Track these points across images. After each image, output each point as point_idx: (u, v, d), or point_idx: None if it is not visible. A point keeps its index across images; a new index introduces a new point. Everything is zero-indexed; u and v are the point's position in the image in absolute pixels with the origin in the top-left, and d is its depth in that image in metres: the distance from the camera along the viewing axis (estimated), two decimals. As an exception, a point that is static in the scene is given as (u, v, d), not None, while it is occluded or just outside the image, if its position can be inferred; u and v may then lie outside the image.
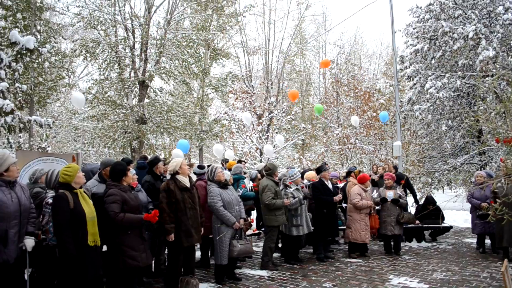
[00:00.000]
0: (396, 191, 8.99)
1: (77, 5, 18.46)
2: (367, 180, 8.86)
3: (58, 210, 4.43)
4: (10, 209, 4.32)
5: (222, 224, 6.42)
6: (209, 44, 24.38)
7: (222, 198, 6.46)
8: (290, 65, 28.84)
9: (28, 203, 4.67)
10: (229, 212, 6.43)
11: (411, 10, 17.37)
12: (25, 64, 11.88)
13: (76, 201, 4.54)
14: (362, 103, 20.47)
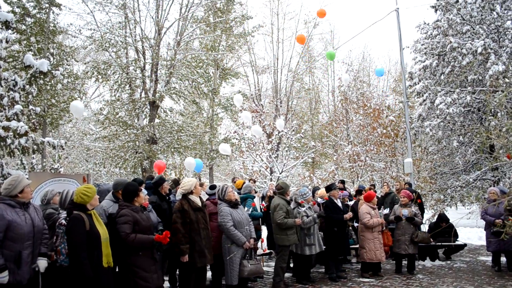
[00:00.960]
0: (411, 209, 8.90)
1: (89, 28, 18.87)
2: (373, 197, 8.78)
3: (75, 231, 4.44)
4: (24, 230, 4.37)
5: (233, 244, 6.41)
6: (219, 64, 24.64)
7: (233, 218, 6.46)
8: (299, 83, 28.96)
9: (42, 224, 4.71)
10: (240, 231, 6.42)
11: (419, 26, 17.44)
12: (38, 86, 12.11)
13: (91, 223, 4.57)
14: (371, 120, 20.42)
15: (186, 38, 20.74)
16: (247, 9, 26.55)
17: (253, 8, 27.22)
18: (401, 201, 9.03)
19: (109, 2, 19.13)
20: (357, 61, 31.30)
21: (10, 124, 9.86)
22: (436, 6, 16.58)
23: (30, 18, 17.73)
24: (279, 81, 26.66)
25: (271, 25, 26.79)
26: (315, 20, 26.62)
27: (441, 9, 16.53)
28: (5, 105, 10.12)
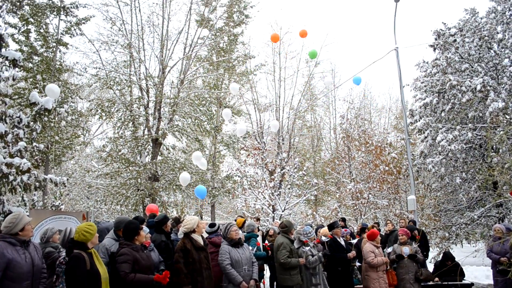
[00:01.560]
0: (412, 246, 8.76)
1: (95, 66, 19.27)
2: (377, 235, 8.64)
3: (75, 271, 4.36)
4: (24, 270, 4.30)
5: (230, 283, 6.27)
6: (221, 102, 24.93)
7: (231, 256, 6.33)
8: (301, 121, 29.17)
9: (41, 263, 4.64)
10: (237, 271, 6.27)
11: (418, 65, 17.75)
12: (43, 123, 12.21)
13: (92, 261, 4.51)
14: (374, 157, 20.44)
15: (190, 76, 21.09)
16: (250, 49, 27.05)
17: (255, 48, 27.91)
18: (399, 239, 8.90)
19: (115, 42, 19.64)
20: (358, 99, 31.66)
21: (13, 161, 9.90)
22: (435, 45, 16.92)
23: (37, 56, 18.15)
24: (281, 118, 26.85)
25: (273, 64, 27.23)
26: (316, 59, 27.07)
27: (439, 48, 16.86)
28: (9, 142, 10.19)
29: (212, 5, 22.29)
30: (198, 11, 22.65)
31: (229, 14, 24.09)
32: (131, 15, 19.99)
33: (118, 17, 19.91)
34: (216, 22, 23.10)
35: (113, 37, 19.89)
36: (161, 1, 20.37)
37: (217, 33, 23.28)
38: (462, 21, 17.16)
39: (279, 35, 14.53)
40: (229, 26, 24.25)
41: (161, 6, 20.35)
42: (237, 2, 24.12)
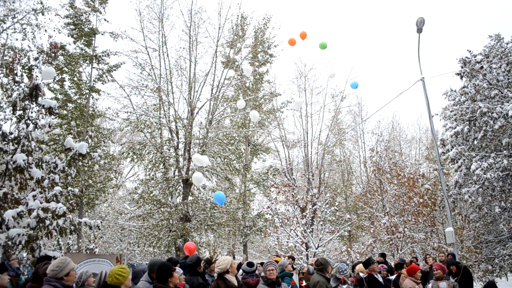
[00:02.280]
0: (449, 281, 8.36)
1: (126, 111, 19.89)
2: (417, 271, 8.29)
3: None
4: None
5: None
6: (249, 140, 25.13)
7: (266, 297, 6.17)
8: (329, 156, 28.99)
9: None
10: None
11: (446, 94, 17.55)
12: (77, 168, 12.56)
13: (126, 305, 4.51)
14: (407, 189, 19.96)
15: (218, 116, 21.46)
16: (275, 86, 27.44)
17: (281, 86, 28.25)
18: (434, 274, 8.51)
19: (144, 86, 20.31)
20: (386, 131, 31.34)
21: (49, 206, 10.15)
22: (461, 73, 16.76)
23: (71, 103, 18.91)
24: (309, 154, 26.77)
25: (299, 101, 27.42)
26: (342, 94, 27.19)
27: (466, 75, 16.68)
28: (45, 187, 10.48)
29: (237, 47, 22.89)
30: (224, 53, 23.28)
31: (254, 54, 24.63)
32: (159, 60, 20.78)
33: (147, 62, 20.71)
34: (242, 62, 23.64)
35: (143, 81, 20.62)
36: (187, 46, 21.11)
37: (243, 73, 23.75)
38: (488, 47, 17.02)
39: (295, 40, 14.57)
40: (254, 65, 24.73)
41: (187, 50, 21.07)
42: (261, 42, 24.69)
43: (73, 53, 19.87)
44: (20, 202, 10.02)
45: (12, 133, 10.67)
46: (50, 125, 11.43)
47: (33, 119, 10.95)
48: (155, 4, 21.04)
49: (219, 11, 21.82)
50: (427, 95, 14.58)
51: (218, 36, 21.67)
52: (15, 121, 10.86)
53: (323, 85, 28.48)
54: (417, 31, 14.04)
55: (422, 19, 13.68)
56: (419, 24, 13.78)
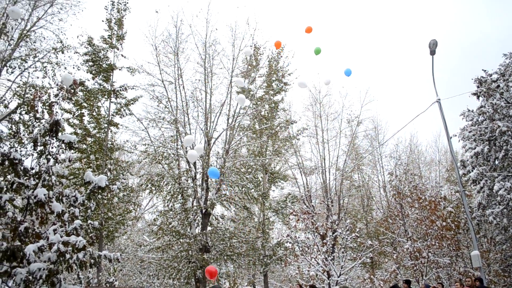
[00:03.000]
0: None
1: (144, 143, 20.19)
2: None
3: None
4: None
5: None
6: (267, 168, 25.12)
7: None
8: (348, 181, 28.71)
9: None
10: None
11: (463, 114, 17.38)
12: (97, 201, 12.67)
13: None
14: (429, 213, 19.57)
15: (234, 146, 21.60)
16: (291, 114, 27.56)
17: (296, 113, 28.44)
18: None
19: (161, 119, 20.64)
20: (405, 154, 30.98)
21: (70, 239, 10.21)
22: (478, 93, 16.63)
23: (90, 137, 19.29)
24: (328, 180, 26.58)
25: (315, 127, 27.46)
26: (358, 118, 27.16)
27: (483, 95, 16.54)
28: (65, 221, 10.58)
29: (251, 77, 23.19)
30: (239, 83, 23.56)
31: (268, 83, 24.90)
32: (175, 92, 21.17)
33: (163, 95, 21.11)
34: (256, 91, 23.92)
35: (160, 114, 20.97)
36: (203, 77, 21.50)
37: (258, 102, 24.01)
38: (503, 66, 16.89)
39: (311, 27, 14.55)
40: (269, 94, 24.99)
41: (203, 81, 21.43)
42: (275, 71, 24.98)
43: (92, 89, 20.41)
44: (41, 236, 10.11)
45: (33, 168, 10.88)
46: (70, 160, 11.64)
47: (53, 154, 11.16)
48: (171, 38, 21.61)
49: (233, 43, 22.27)
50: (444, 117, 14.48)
51: (233, 67, 22.04)
52: (36, 156, 11.08)
53: (338, 111, 28.35)
54: (430, 53, 14.06)
55: (434, 41, 13.72)
56: (431, 46, 13.81)
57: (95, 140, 19.27)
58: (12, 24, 15.44)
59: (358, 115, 27.47)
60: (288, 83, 25.70)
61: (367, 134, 30.51)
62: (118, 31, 21.73)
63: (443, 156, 35.31)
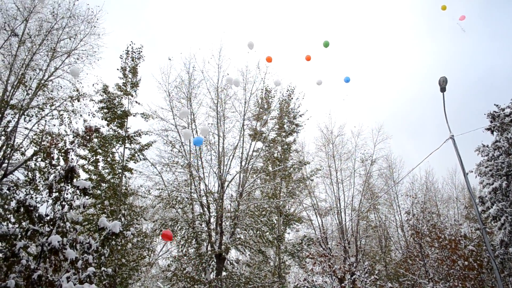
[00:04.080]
0: None
1: (158, 188, 20.23)
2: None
3: None
4: None
5: None
6: (281, 210, 24.88)
7: None
8: (364, 222, 28.22)
9: None
10: None
11: (478, 149, 17.20)
12: (111, 247, 12.60)
13: None
14: (449, 252, 19.01)
15: (248, 188, 21.54)
16: (304, 155, 27.56)
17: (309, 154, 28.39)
18: None
19: (175, 163, 20.79)
20: (421, 192, 30.48)
21: (83, 287, 10.09)
22: (492, 127, 16.52)
23: (105, 183, 19.41)
24: (344, 221, 26.19)
25: (328, 168, 27.38)
26: (371, 158, 27.04)
27: (497, 130, 16.42)
28: (79, 268, 10.50)
29: (263, 119, 23.41)
30: (251, 126, 23.80)
31: (280, 125, 25.08)
32: (189, 136, 21.33)
33: (177, 139, 21.36)
34: (269, 134, 24.06)
35: (174, 158, 21.14)
36: (215, 121, 21.77)
37: (271, 144, 24.11)
38: (516, 100, 16.84)
39: (310, 56, 15.28)
40: (281, 136, 25.13)
41: (215, 125, 21.70)
42: (287, 113, 25.23)
43: (107, 135, 20.75)
44: (54, 284, 10.02)
45: (48, 215, 10.95)
46: (85, 206, 11.68)
47: (68, 201, 11.25)
48: (183, 84, 22.10)
49: (244, 87, 22.64)
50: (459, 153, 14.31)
51: (245, 110, 22.33)
52: (51, 203, 11.17)
53: (351, 150, 28.25)
54: (441, 90, 14.06)
55: (444, 78, 13.73)
56: (441, 83, 13.80)
57: (110, 186, 19.38)
58: (30, 74, 15.99)
59: (371, 154, 27.40)
60: (299, 124, 25.91)
61: (382, 173, 30.25)
62: (133, 78, 22.31)
63: (460, 192, 34.67)
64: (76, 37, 17.44)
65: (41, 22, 16.84)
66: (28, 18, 16.41)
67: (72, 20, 17.38)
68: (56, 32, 17.03)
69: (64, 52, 17.19)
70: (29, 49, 16.34)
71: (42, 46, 16.65)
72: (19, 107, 15.14)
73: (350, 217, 26.48)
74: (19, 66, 15.89)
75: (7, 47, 15.96)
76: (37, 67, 16.42)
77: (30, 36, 16.41)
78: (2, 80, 15.57)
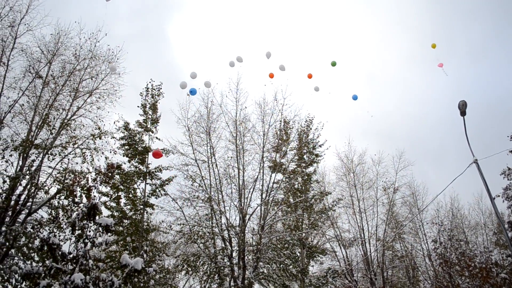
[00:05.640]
0: None
1: (179, 223, 20.21)
2: None
3: None
4: None
5: None
6: (304, 242, 24.50)
7: None
8: (390, 252, 27.53)
9: None
10: None
11: (504, 173, 16.82)
12: (133, 284, 12.52)
13: None
14: (481, 281, 18.32)
15: (269, 221, 21.37)
16: (324, 185, 27.32)
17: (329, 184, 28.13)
18: None
19: (196, 197, 20.82)
20: (447, 219, 29.66)
21: (106, 326, 10.01)
22: (516, 150, 16.20)
23: (127, 219, 19.49)
24: (369, 252, 25.59)
25: (350, 197, 27.03)
26: (394, 185, 26.64)
27: (522, 151, 16.09)
28: (102, 307, 10.44)
29: (282, 150, 23.42)
30: (270, 157, 23.81)
31: (300, 156, 25.03)
32: (209, 170, 21.58)
33: (197, 174, 21.49)
34: (288, 165, 24.00)
35: (194, 193, 21.23)
36: (235, 154, 21.88)
37: (291, 175, 24.01)
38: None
39: (311, 74, 16.03)
40: (301, 167, 25.05)
41: (235, 158, 21.81)
42: (306, 144, 25.22)
43: (128, 172, 20.98)
44: (78, 322, 9.97)
45: (71, 253, 11.02)
46: (107, 243, 11.73)
47: (90, 238, 11.32)
48: (202, 119, 22.41)
49: (262, 119, 22.84)
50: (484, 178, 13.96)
51: (264, 142, 22.41)
52: (74, 240, 11.25)
53: (373, 179, 27.88)
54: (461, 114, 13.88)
55: (463, 102, 13.57)
56: (461, 107, 13.63)
57: (132, 222, 19.45)
58: (54, 114, 16.43)
59: (393, 182, 26.99)
60: (319, 154, 25.84)
61: (405, 200, 29.65)
62: (153, 115, 22.70)
63: (488, 218, 33.57)
64: (97, 76, 17.97)
65: (64, 64, 17.44)
66: (51, 60, 17.02)
67: (93, 61, 17.96)
68: (78, 72, 17.60)
69: (86, 92, 17.67)
70: (53, 90, 16.85)
71: (65, 86, 17.17)
72: (43, 147, 15.49)
73: (375, 247, 25.88)
74: (43, 106, 16.37)
75: (32, 88, 16.51)
76: (60, 107, 16.90)
77: (54, 77, 16.97)
78: (27, 120, 16.02)
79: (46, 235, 11.33)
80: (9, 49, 16.12)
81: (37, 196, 15.18)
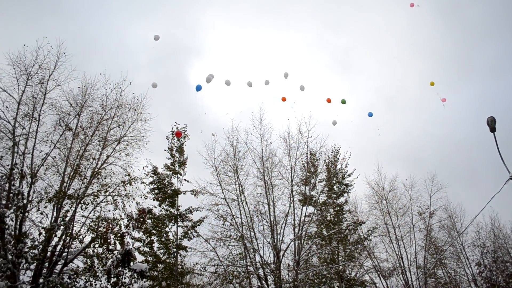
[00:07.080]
0: None
1: (213, 264, 20.03)
2: None
3: None
4: None
5: None
6: (342, 275, 23.84)
7: None
8: (433, 279, 26.43)
9: None
10: None
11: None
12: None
13: None
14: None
15: (304, 256, 20.99)
16: (357, 215, 26.74)
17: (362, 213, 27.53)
18: None
19: (228, 237, 20.66)
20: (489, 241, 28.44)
21: None
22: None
23: (161, 264, 19.45)
24: (410, 281, 24.66)
25: (385, 225, 26.34)
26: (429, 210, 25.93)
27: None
28: None
29: (311, 183, 23.22)
30: (300, 191, 23.61)
31: (329, 187, 24.75)
32: (239, 209, 21.53)
33: (228, 213, 21.45)
34: (319, 197, 23.72)
35: (226, 232, 21.07)
36: (264, 190, 21.77)
37: (322, 207, 23.69)
38: None
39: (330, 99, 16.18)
40: (332, 198, 24.75)
41: (264, 194, 21.70)
42: (334, 174, 24.96)
43: (160, 215, 21.12)
44: None
45: (108, 301, 11.00)
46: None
47: (126, 285, 11.33)
48: (229, 158, 22.54)
49: (288, 153, 22.81)
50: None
51: (292, 176, 22.31)
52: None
53: (406, 205, 27.18)
54: (491, 130, 13.57)
55: (492, 118, 13.27)
56: (490, 123, 13.37)
57: (166, 266, 19.41)
58: (84, 164, 16.82)
59: (428, 206, 26.29)
60: (349, 184, 25.52)
61: (443, 224, 28.67)
62: (180, 157, 23.00)
63: (534, 236, 32.07)
64: (124, 124, 18.39)
65: (92, 115, 17.96)
66: (80, 112, 17.57)
67: (120, 109, 18.46)
68: (106, 122, 18.08)
69: (114, 140, 18.08)
70: (83, 141, 17.32)
71: (94, 136, 17.63)
72: (76, 196, 15.80)
73: (416, 275, 24.94)
74: (74, 157, 16.79)
75: (63, 141, 17.00)
76: (90, 156, 17.29)
77: (83, 128, 17.47)
78: (59, 172, 16.41)
79: (83, 284, 11.38)
80: (39, 105, 16.75)
81: (72, 245, 15.35)
